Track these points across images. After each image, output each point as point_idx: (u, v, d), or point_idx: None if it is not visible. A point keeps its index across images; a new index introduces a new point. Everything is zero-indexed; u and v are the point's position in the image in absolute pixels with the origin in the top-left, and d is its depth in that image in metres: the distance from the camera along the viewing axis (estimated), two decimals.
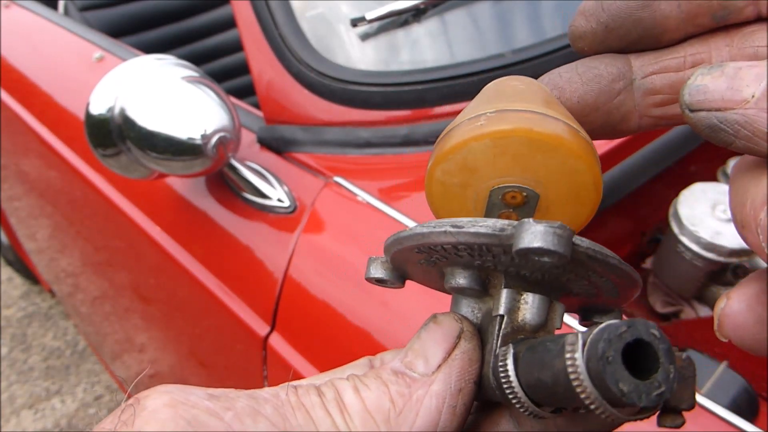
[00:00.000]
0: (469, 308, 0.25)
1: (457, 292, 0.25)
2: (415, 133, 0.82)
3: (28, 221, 1.88)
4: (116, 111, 0.79)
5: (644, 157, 0.83)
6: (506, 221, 0.22)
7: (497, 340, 0.23)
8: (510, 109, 0.23)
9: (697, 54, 0.23)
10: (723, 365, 0.67)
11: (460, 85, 0.82)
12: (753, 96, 0.19)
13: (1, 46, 1.59)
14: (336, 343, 0.74)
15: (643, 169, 0.83)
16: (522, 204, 0.24)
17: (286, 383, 0.23)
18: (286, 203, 0.83)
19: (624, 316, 0.25)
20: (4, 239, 2.49)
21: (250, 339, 0.83)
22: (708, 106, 0.19)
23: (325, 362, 0.75)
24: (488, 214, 0.24)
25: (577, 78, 0.24)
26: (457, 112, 0.26)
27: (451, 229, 0.22)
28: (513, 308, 0.23)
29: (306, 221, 0.80)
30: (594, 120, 0.24)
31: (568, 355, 0.19)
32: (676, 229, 0.84)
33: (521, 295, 0.23)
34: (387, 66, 0.88)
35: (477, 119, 0.23)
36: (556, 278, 0.23)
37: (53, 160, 1.32)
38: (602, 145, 0.78)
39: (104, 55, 1.28)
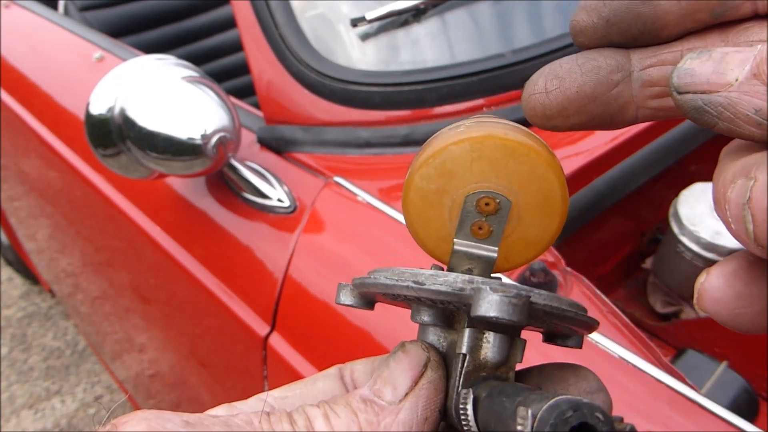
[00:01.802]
0: (436, 336, 0.26)
1: (424, 325, 0.26)
2: (415, 133, 0.82)
3: (28, 221, 1.88)
4: (116, 111, 0.79)
5: (644, 157, 0.83)
6: (467, 277, 0.23)
7: (460, 378, 0.24)
8: (487, 120, 0.25)
9: (694, 48, 0.23)
10: (723, 365, 0.67)
11: (460, 85, 0.82)
12: (737, 79, 0.19)
13: (1, 46, 1.59)
14: (336, 343, 0.74)
15: (643, 169, 0.83)
16: (495, 212, 0.25)
17: (260, 410, 0.24)
18: (286, 203, 0.83)
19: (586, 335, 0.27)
20: (4, 239, 2.49)
21: (250, 339, 0.83)
22: (694, 89, 0.20)
23: (325, 362, 0.75)
24: (462, 223, 0.26)
25: (577, 68, 0.25)
26: (457, 112, 0.27)
27: (413, 285, 0.23)
28: (475, 347, 0.24)
29: (306, 221, 0.80)
30: (592, 110, 0.25)
31: (519, 428, 0.20)
32: (676, 229, 0.84)
33: (483, 334, 0.24)
34: (387, 66, 0.88)
35: (457, 127, 0.26)
36: None
37: (53, 160, 1.32)
38: (602, 146, 0.78)
39: (104, 55, 1.28)
